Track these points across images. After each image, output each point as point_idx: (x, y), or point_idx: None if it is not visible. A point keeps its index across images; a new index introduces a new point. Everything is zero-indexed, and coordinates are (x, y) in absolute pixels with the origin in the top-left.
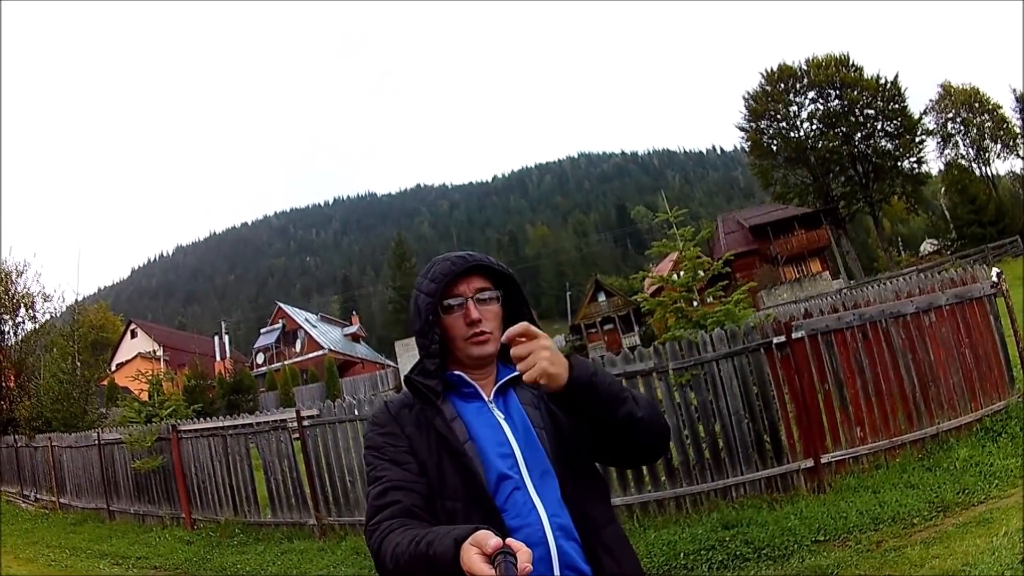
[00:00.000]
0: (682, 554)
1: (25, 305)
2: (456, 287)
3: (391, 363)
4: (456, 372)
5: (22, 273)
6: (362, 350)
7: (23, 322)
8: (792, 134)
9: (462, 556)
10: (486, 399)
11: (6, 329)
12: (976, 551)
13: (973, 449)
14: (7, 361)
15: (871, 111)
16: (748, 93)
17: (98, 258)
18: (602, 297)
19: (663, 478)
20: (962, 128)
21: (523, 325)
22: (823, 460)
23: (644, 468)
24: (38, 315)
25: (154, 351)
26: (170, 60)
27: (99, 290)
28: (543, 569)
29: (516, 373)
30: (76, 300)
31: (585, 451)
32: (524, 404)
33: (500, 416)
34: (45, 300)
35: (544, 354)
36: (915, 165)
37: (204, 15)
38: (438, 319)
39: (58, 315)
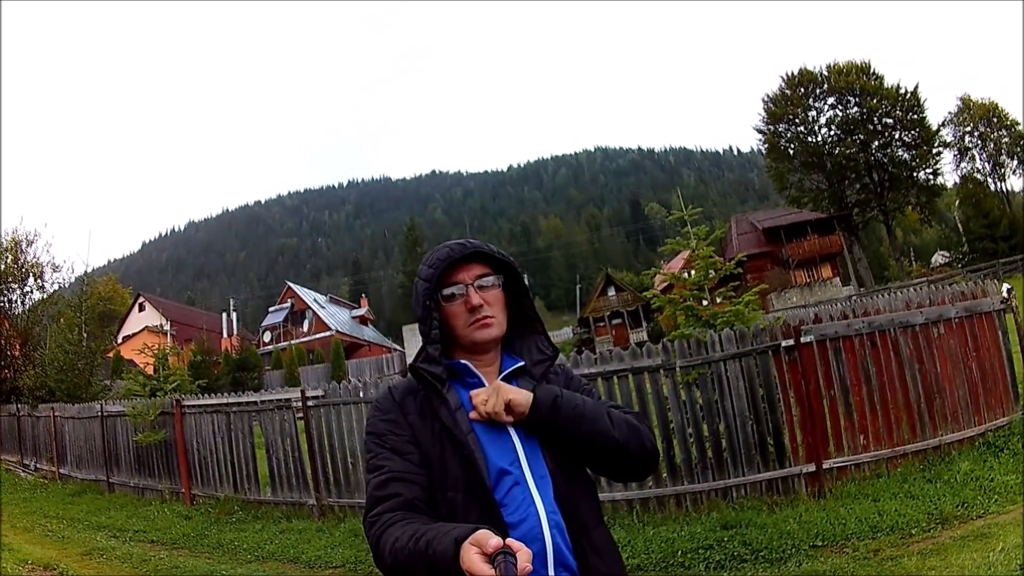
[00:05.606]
0: (680, 552)
1: (34, 275)
2: (455, 275)
3: (398, 347)
4: (461, 360)
5: (32, 243)
6: (369, 333)
7: (31, 292)
8: (810, 139)
9: (462, 556)
10: None
11: (14, 298)
12: (972, 565)
13: (974, 463)
14: (13, 330)
15: (889, 120)
16: (767, 96)
17: (110, 231)
18: (612, 291)
19: (664, 475)
20: (979, 142)
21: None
22: (825, 465)
23: None
24: (47, 285)
25: (161, 325)
26: (192, 37)
27: (109, 262)
28: (538, 566)
29: (520, 363)
30: (85, 272)
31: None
32: None
33: None
34: (54, 270)
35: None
36: (931, 176)
37: None
38: (437, 306)
39: (67, 286)
